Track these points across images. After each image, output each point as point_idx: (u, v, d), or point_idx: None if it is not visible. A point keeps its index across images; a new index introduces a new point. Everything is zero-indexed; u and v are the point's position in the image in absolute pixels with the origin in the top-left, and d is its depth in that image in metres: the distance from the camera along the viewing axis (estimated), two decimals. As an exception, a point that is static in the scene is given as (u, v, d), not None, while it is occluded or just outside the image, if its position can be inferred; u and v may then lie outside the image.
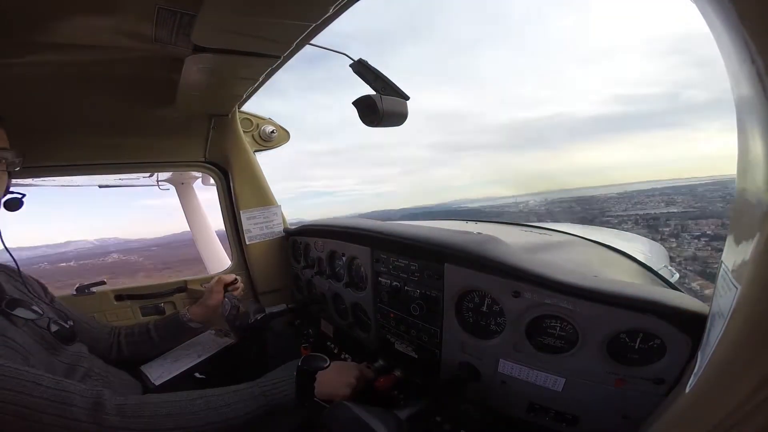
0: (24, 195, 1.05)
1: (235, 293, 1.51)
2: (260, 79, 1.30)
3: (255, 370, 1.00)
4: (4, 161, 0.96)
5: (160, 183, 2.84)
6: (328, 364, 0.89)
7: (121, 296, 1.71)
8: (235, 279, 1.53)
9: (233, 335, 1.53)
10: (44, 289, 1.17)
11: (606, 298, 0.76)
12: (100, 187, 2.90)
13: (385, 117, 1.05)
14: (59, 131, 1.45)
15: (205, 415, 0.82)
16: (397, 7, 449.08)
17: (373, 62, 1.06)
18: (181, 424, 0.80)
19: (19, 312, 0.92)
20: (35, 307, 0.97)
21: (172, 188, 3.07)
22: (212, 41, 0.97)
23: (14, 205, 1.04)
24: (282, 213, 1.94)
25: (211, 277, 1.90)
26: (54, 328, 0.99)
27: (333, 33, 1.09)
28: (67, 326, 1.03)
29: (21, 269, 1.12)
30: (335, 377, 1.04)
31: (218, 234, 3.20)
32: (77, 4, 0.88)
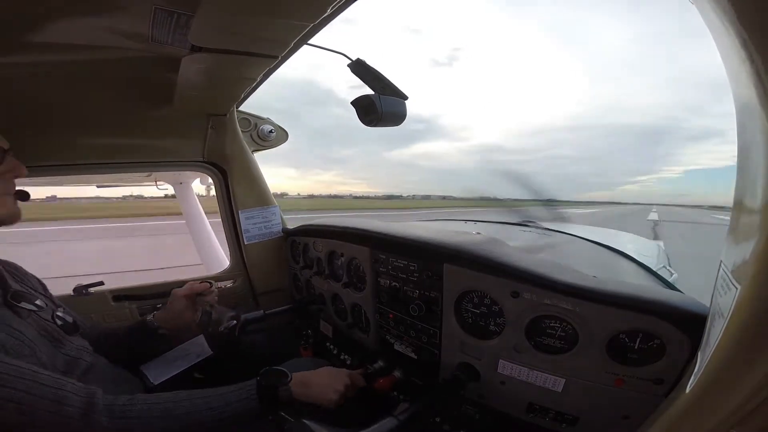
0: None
1: (207, 299, 1.36)
2: (258, 79, 1.30)
3: (254, 370, 1.00)
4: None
5: (158, 183, 2.83)
6: (289, 378, 0.91)
7: (119, 297, 1.70)
8: (208, 285, 1.37)
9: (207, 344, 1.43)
10: (43, 285, 1.17)
11: (605, 298, 0.76)
12: (98, 186, 2.89)
13: (384, 117, 1.05)
14: (56, 132, 1.44)
15: (192, 417, 0.84)
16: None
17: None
18: (169, 424, 0.82)
19: (24, 304, 0.92)
20: (38, 301, 0.97)
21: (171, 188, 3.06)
22: (209, 41, 0.97)
23: (25, 196, 1.01)
24: (280, 213, 1.94)
25: (211, 278, 1.90)
26: (58, 321, 1.00)
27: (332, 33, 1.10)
28: (69, 319, 1.04)
29: (20, 266, 1.12)
30: (324, 381, 1.03)
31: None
32: (74, 4, 0.88)
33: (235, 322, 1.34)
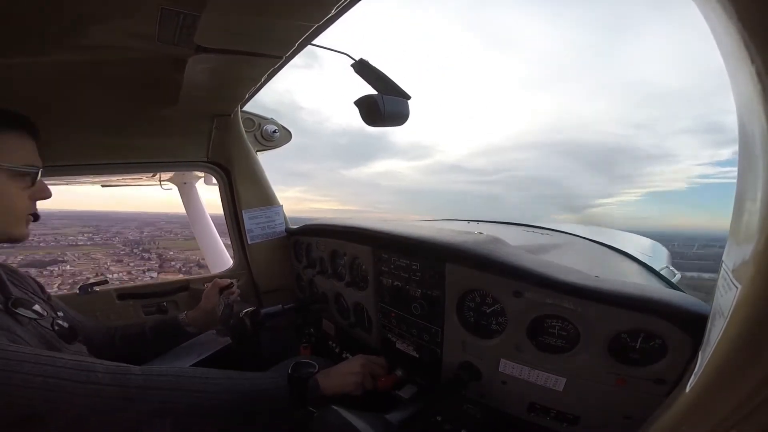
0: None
1: (231, 296, 1.50)
2: (262, 80, 1.31)
3: (254, 370, 1.01)
4: (29, 178, 0.93)
5: (162, 183, 2.85)
6: (316, 369, 0.91)
7: (123, 295, 1.72)
8: (231, 283, 1.51)
9: (228, 335, 1.51)
10: (41, 287, 1.17)
11: (607, 298, 0.76)
12: (103, 186, 2.92)
13: (387, 117, 1.05)
14: (62, 131, 1.45)
15: (221, 397, 0.85)
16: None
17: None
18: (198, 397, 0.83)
19: (24, 311, 0.92)
20: (36, 307, 0.97)
21: (175, 188, 3.08)
22: (215, 41, 0.98)
23: (35, 218, 1.00)
24: (284, 213, 1.95)
25: (214, 278, 1.91)
26: (57, 327, 0.99)
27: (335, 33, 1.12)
28: (68, 326, 1.04)
29: (18, 269, 1.12)
30: (339, 370, 1.08)
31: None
32: (80, 5, 0.89)
33: (254, 308, 1.38)
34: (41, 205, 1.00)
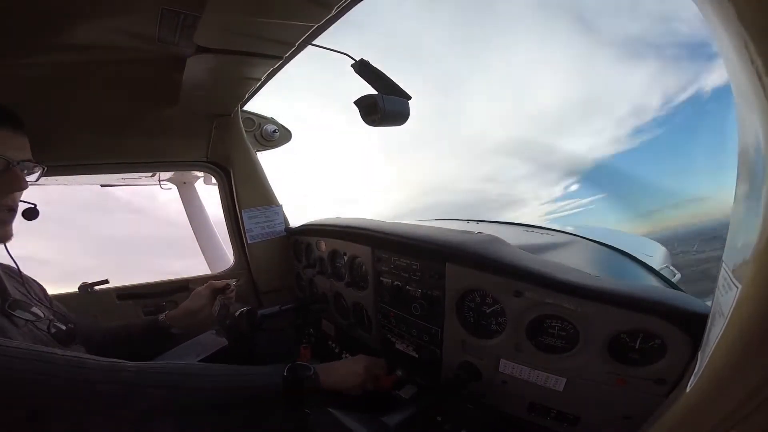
0: (35, 205, 1.01)
1: (228, 295, 1.44)
2: (262, 79, 1.31)
3: None
4: (24, 171, 0.91)
5: (162, 183, 2.85)
6: (312, 372, 0.91)
7: (123, 295, 1.72)
8: (228, 284, 1.46)
9: (224, 337, 1.48)
10: (44, 290, 1.17)
11: (607, 297, 0.76)
12: (102, 186, 2.91)
13: (386, 117, 1.05)
14: (62, 131, 1.45)
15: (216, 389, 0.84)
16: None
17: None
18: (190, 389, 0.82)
19: (20, 313, 0.91)
20: (35, 309, 0.96)
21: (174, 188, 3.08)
22: (215, 42, 0.98)
23: (33, 214, 0.99)
24: (284, 212, 1.95)
25: (213, 277, 1.91)
26: (53, 330, 0.99)
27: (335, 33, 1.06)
28: (66, 328, 1.02)
29: (21, 271, 1.12)
30: (340, 368, 1.08)
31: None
32: (81, 5, 0.89)
33: (248, 308, 1.36)
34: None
